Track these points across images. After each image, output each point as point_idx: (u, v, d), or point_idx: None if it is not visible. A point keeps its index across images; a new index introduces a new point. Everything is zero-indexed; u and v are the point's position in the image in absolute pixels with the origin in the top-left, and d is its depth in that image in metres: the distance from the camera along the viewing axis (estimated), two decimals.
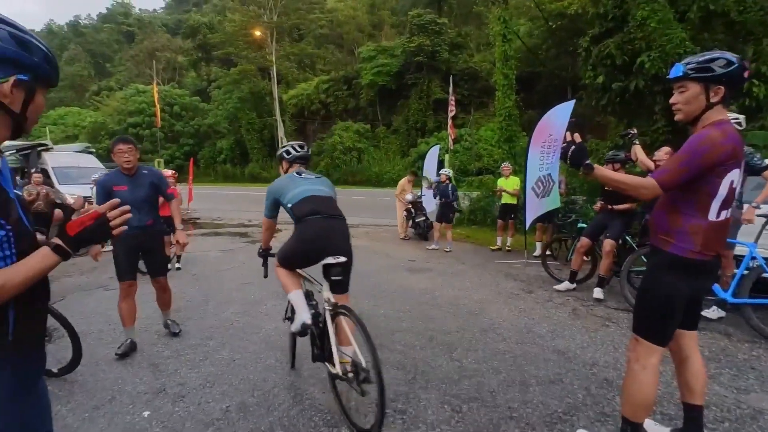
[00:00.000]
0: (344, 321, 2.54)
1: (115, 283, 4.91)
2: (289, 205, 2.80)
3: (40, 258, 1.11)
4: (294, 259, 2.85)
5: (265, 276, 3.23)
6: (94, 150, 14.52)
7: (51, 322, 3.10)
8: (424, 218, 9.42)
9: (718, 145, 1.76)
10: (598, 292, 4.91)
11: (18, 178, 6.99)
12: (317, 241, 2.66)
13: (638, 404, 2.01)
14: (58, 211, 6.29)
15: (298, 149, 3.12)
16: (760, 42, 9.17)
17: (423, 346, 3.60)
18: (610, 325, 4.09)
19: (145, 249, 3.61)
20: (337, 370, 2.47)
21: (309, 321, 2.61)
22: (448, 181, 8.18)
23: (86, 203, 6.30)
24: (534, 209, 6.41)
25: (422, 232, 9.39)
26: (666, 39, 9.19)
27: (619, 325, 4.08)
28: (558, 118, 6.28)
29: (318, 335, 2.68)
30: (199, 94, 46.73)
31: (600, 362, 3.26)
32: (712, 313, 4.12)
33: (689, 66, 1.86)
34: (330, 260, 2.59)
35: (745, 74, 1.85)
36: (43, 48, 1.13)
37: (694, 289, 1.97)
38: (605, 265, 4.92)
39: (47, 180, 9.95)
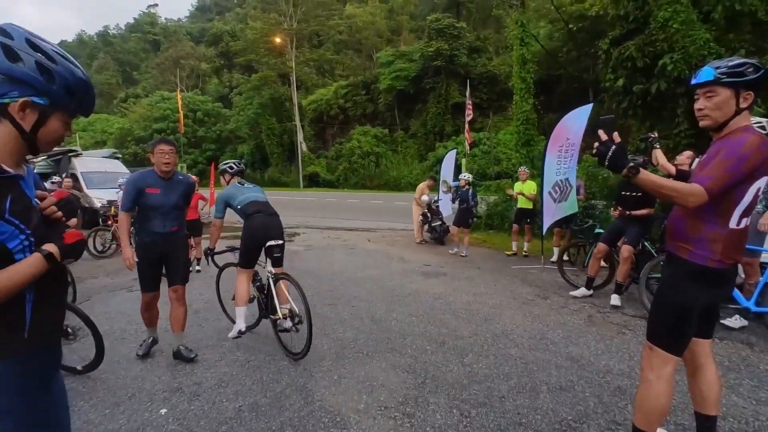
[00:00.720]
0: (283, 285, 3.63)
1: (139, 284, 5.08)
2: (239, 207, 3.76)
3: (31, 263, 1.17)
4: (250, 252, 3.72)
5: (218, 269, 4.56)
6: (120, 156, 15.06)
7: (76, 321, 3.26)
8: (440, 222, 9.41)
9: (758, 151, 1.71)
10: (615, 299, 4.83)
11: (47, 183, 7.28)
12: (262, 230, 3.65)
13: (651, 414, 1.97)
14: (73, 221, 6.53)
15: (239, 165, 4.17)
16: None
17: (434, 351, 3.61)
18: (626, 333, 4.01)
19: (166, 254, 3.41)
20: (279, 316, 3.49)
21: (244, 329, 3.66)
22: (468, 186, 8.15)
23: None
24: (551, 214, 6.34)
25: (438, 236, 9.37)
26: (689, 40, 8.96)
27: (636, 332, 4.00)
28: (576, 121, 6.21)
29: (264, 302, 3.83)
30: (221, 100, 47.86)
31: (614, 370, 3.21)
32: (734, 322, 4.00)
33: (720, 70, 1.79)
34: (272, 243, 3.63)
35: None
36: (69, 78, 1.22)
37: (711, 297, 1.95)
38: (623, 271, 4.83)
39: (76, 184, 10.37)
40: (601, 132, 1.81)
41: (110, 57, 65.77)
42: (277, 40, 34.90)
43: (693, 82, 1.88)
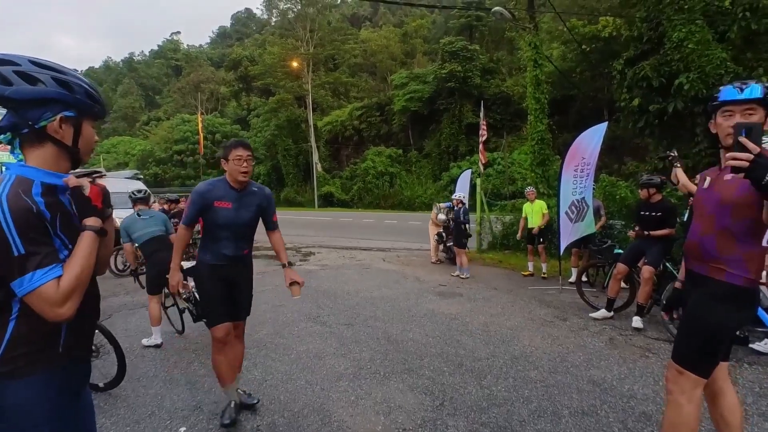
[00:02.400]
0: None
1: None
2: (137, 245, 4.31)
3: (85, 243, 1.25)
4: (153, 282, 4.28)
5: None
6: (142, 176, 15.50)
7: (99, 338, 3.32)
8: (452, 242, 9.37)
9: None
10: (637, 321, 4.71)
11: None
12: (163, 266, 3.84)
13: None
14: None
15: (139, 194, 4.57)
16: None
17: (452, 372, 3.57)
18: (650, 356, 3.91)
19: (232, 281, 2.82)
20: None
21: (161, 342, 4.26)
22: (461, 205, 8.11)
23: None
24: (568, 234, 6.27)
25: (453, 256, 9.32)
26: (705, 60, 8.96)
27: (660, 356, 3.89)
28: (591, 140, 6.20)
29: (196, 310, 4.15)
30: (239, 122, 49.11)
31: (638, 395, 3.12)
32: (764, 346, 3.87)
33: (755, 90, 1.77)
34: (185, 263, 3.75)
35: None
36: (84, 85, 1.27)
37: (743, 318, 1.91)
38: (644, 292, 4.73)
39: None
40: (745, 140, 1.46)
41: (134, 82, 68.44)
42: (294, 64, 35.88)
43: (739, 97, 1.79)
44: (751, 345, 3.89)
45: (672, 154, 4.51)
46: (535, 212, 7.74)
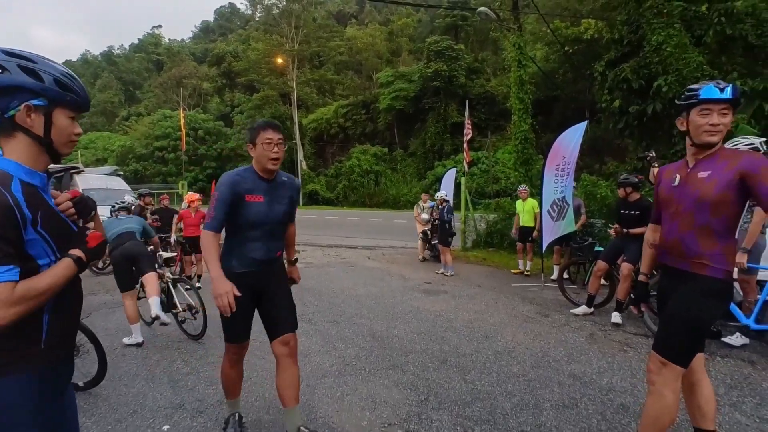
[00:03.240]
0: (180, 287, 4.64)
1: (143, 303, 5.09)
2: (108, 242, 4.50)
3: (62, 268, 1.22)
4: (122, 276, 4.36)
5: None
6: (121, 173, 15.16)
7: (79, 337, 3.26)
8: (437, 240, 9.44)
9: None
10: (616, 317, 4.84)
11: None
12: (123, 254, 4.35)
13: (661, 428, 1.98)
14: (92, 224, 6.67)
15: (119, 203, 5.02)
16: None
17: (436, 368, 3.61)
18: (628, 351, 4.02)
19: (265, 290, 2.40)
20: (179, 309, 4.41)
21: (141, 341, 4.25)
22: (445, 203, 8.18)
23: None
24: (550, 232, 6.39)
25: (438, 254, 9.39)
26: (683, 63, 9.21)
27: (638, 350, 4.01)
28: (571, 140, 6.33)
29: (167, 301, 4.55)
30: (222, 118, 48.40)
31: (617, 388, 3.21)
32: (736, 339, 4.01)
33: (734, 90, 1.87)
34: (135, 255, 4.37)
35: None
36: (55, 73, 1.22)
37: (724, 310, 2.00)
38: (623, 289, 4.85)
39: None
40: None
41: (114, 76, 66.75)
42: (279, 60, 35.60)
43: (719, 96, 1.86)
44: (723, 339, 4.04)
45: (650, 154, 4.63)
46: (526, 211, 7.79)
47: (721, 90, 1.87)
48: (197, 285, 6.84)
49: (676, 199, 2.04)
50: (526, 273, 7.81)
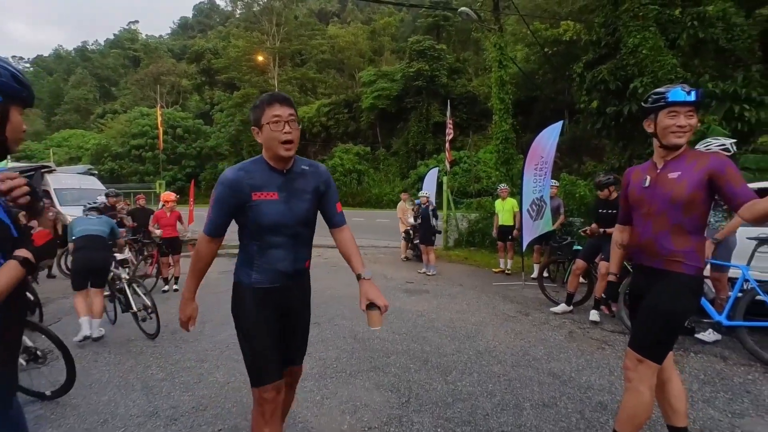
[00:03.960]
0: (136, 288, 4.72)
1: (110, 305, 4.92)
2: (71, 240, 4.54)
3: (8, 270, 1.15)
4: (77, 279, 4.41)
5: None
6: (96, 172, 14.71)
7: (46, 343, 3.13)
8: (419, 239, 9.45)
9: None
10: (594, 315, 4.90)
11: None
12: (84, 263, 4.46)
13: (638, 425, 2.01)
14: (34, 222, 6.50)
15: (91, 203, 4.97)
16: (749, 68, 9.41)
17: (418, 369, 3.59)
18: (606, 348, 4.07)
19: (291, 310, 1.97)
20: (135, 309, 4.54)
21: (89, 333, 4.21)
22: (428, 203, 8.19)
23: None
24: (529, 231, 6.46)
25: (420, 253, 9.40)
26: (658, 65, 9.45)
27: (615, 348, 4.07)
28: (549, 139, 6.41)
29: (124, 301, 4.66)
30: (201, 116, 47.54)
31: (595, 386, 3.25)
32: (708, 336, 4.11)
33: (699, 93, 1.92)
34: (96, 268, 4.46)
35: None
36: (10, 68, 1.21)
37: (696, 306, 2.07)
38: (601, 287, 4.91)
39: (48, 201, 10.05)
40: None
41: (88, 72, 64.85)
42: (260, 58, 35.18)
43: (687, 99, 1.92)
44: (696, 335, 4.14)
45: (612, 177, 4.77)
46: (506, 210, 7.84)
47: (688, 93, 1.93)
48: (174, 287, 6.69)
49: (647, 200, 2.07)
50: (507, 272, 7.88)
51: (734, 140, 4.21)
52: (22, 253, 1.19)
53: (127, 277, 4.80)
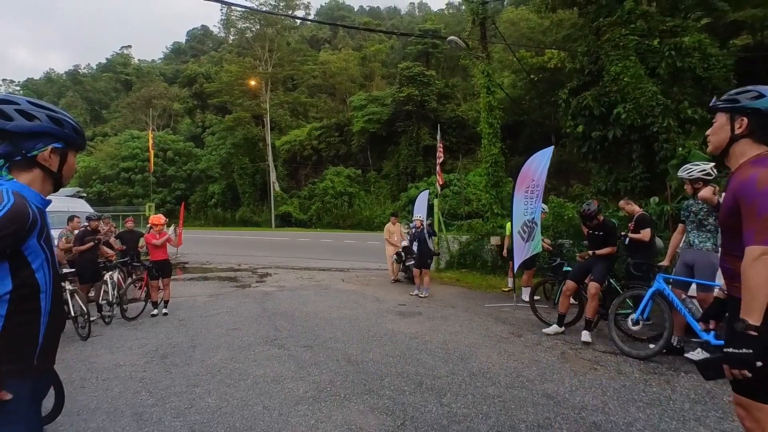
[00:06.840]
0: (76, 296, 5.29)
1: (100, 329, 4.87)
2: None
3: None
4: None
5: None
6: (85, 194, 14.60)
7: None
8: (413, 261, 9.46)
9: None
10: (585, 335, 4.95)
11: None
12: None
13: None
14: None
15: None
16: None
17: (412, 392, 3.57)
18: (598, 369, 4.10)
19: None
20: (73, 315, 5.07)
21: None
22: (422, 226, 8.25)
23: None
24: (521, 253, 6.53)
25: (411, 275, 9.40)
26: (639, 92, 9.81)
27: (607, 368, 4.10)
28: (540, 163, 6.57)
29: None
30: (193, 140, 47.64)
31: (589, 406, 3.27)
32: (697, 355, 4.17)
33: (722, 97, 1.84)
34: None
35: None
36: (72, 122, 1.51)
37: None
38: (591, 307, 4.98)
39: None
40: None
41: (79, 96, 64.90)
42: (252, 82, 35.57)
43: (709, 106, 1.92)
44: (686, 354, 4.19)
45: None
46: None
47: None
48: (164, 311, 6.60)
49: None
50: (506, 290, 7.95)
51: (713, 164, 4.36)
52: None
53: (70, 288, 5.40)
